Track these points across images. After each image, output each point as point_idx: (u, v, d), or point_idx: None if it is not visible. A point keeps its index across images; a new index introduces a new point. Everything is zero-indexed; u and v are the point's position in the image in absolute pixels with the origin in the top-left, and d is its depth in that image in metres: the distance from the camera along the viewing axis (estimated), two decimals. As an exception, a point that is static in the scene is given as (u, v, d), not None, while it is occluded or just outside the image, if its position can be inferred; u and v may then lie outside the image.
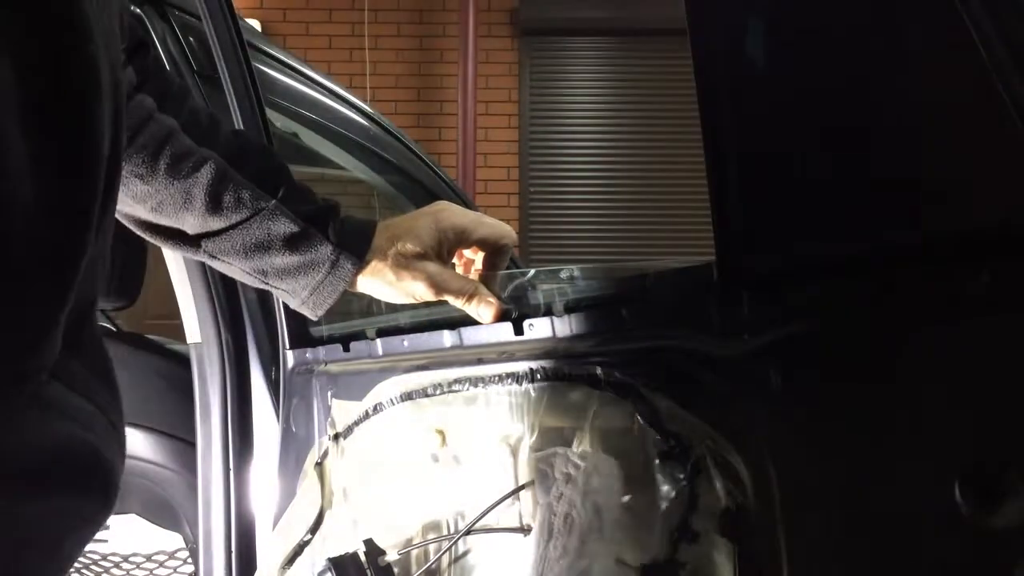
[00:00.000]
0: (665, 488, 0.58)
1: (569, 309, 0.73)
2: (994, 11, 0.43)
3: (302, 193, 0.80)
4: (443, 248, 0.80)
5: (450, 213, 0.81)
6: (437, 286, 0.79)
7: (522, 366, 0.72)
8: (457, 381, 0.82)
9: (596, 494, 0.62)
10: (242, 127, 1.20)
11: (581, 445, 0.66)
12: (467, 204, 1.99)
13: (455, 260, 0.84)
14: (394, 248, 0.80)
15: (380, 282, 0.81)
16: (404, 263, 0.80)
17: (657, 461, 0.58)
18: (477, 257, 0.84)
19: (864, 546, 0.48)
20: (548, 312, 0.75)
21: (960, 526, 0.43)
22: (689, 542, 0.56)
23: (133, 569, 1.63)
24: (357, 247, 0.80)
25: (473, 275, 0.83)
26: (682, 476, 0.57)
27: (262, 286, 0.82)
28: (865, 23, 0.50)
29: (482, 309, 0.79)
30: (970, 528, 0.42)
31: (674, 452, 0.58)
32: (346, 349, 1.04)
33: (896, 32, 0.49)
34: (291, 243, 0.78)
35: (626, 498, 0.61)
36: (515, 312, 0.80)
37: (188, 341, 1.32)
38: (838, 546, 0.50)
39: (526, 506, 0.73)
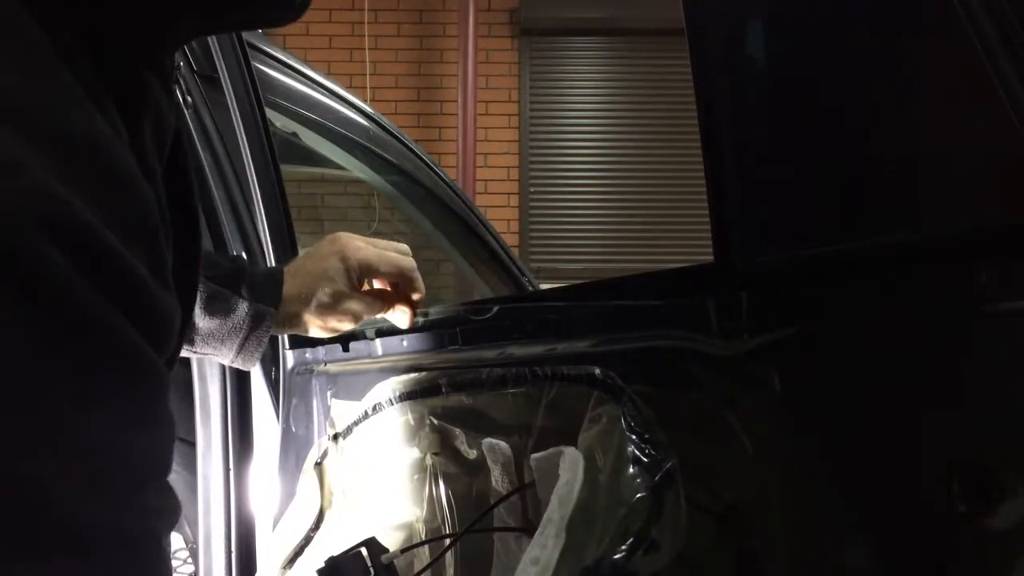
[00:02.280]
0: (630, 495, 0.58)
1: (569, 309, 0.73)
2: (994, 10, 0.43)
3: (209, 259, 0.87)
4: (353, 282, 0.89)
5: (353, 249, 0.89)
6: (362, 318, 0.90)
7: (522, 367, 0.72)
8: (457, 381, 0.82)
9: (560, 490, 0.62)
10: (242, 127, 1.20)
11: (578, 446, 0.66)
12: (467, 204, 1.99)
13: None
14: (314, 298, 0.88)
15: (305, 327, 0.90)
16: (329, 308, 0.88)
17: (629, 468, 0.59)
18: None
19: (864, 546, 0.48)
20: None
21: (959, 526, 0.43)
22: (647, 552, 0.56)
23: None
24: (271, 298, 0.88)
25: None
26: (650, 486, 0.57)
27: (190, 354, 0.88)
28: (865, 22, 0.50)
29: (397, 315, 0.90)
30: (969, 528, 0.42)
31: (647, 461, 0.58)
32: (345, 349, 1.04)
33: (896, 31, 0.49)
34: (208, 307, 0.84)
35: (586, 497, 0.61)
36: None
37: (188, 341, 1.32)
38: (837, 546, 0.50)
39: (527, 506, 0.73)
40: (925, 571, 0.46)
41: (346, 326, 0.90)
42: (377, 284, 0.93)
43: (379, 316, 0.90)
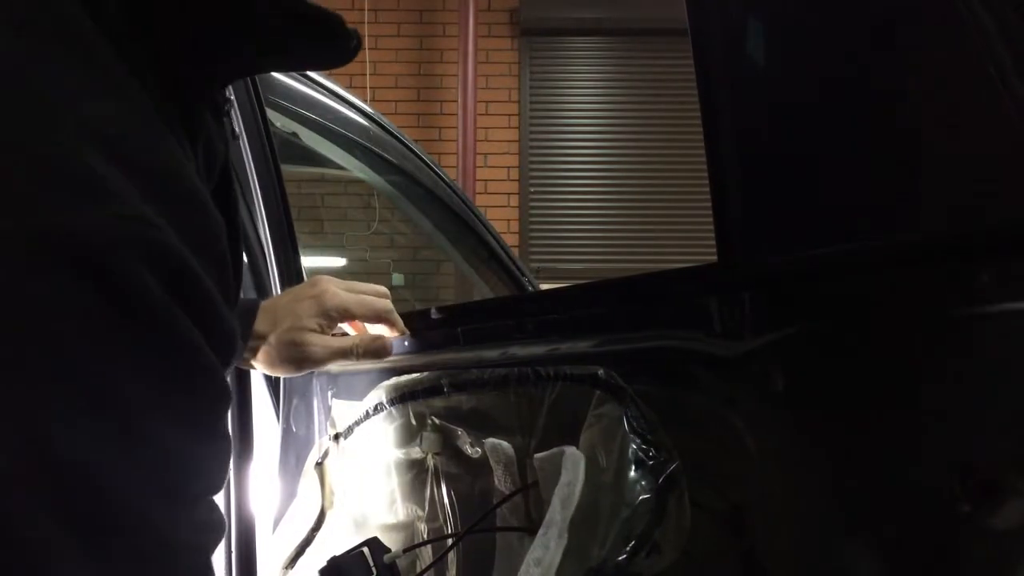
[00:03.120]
0: (633, 496, 0.58)
1: (571, 309, 0.73)
2: (995, 10, 0.43)
3: None
4: (325, 327, 0.89)
5: (331, 295, 0.89)
6: (322, 361, 0.89)
7: (524, 367, 0.72)
8: (459, 381, 0.82)
9: (561, 491, 0.62)
10: (242, 127, 1.20)
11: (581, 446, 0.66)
12: (467, 204, 1.99)
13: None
14: (276, 334, 0.89)
15: (267, 363, 0.90)
16: (286, 347, 0.88)
17: (632, 470, 0.59)
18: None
19: (866, 546, 0.48)
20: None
21: (960, 526, 0.43)
22: (650, 553, 0.56)
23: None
24: (241, 330, 0.87)
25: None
26: (653, 487, 0.57)
27: None
28: (868, 21, 0.50)
29: (376, 348, 0.89)
30: (970, 528, 0.42)
31: (651, 462, 0.58)
32: (347, 349, 1.04)
33: (897, 31, 0.49)
34: None
35: (589, 498, 0.61)
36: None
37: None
38: (840, 546, 0.50)
39: (530, 506, 0.73)
40: (927, 571, 0.46)
41: (307, 366, 0.90)
42: (350, 329, 0.94)
43: (348, 360, 0.90)
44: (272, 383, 1.23)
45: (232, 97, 0.56)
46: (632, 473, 0.59)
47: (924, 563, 0.46)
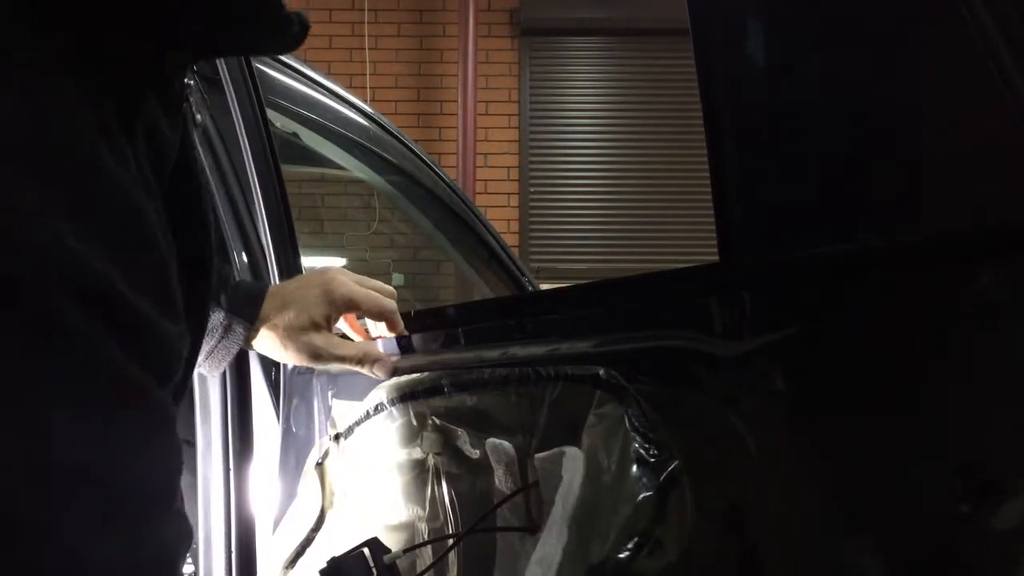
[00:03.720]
0: (635, 494, 0.58)
1: (572, 309, 0.73)
2: (995, 9, 0.43)
3: None
4: (331, 317, 0.89)
5: (340, 284, 0.89)
6: (321, 358, 0.89)
7: (525, 367, 0.72)
8: (459, 381, 0.82)
9: (563, 491, 0.62)
10: (243, 127, 1.20)
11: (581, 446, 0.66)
12: (467, 204, 1.99)
13: (343, 322, 0.93)
14: (283, 319, 0.88)
15: (270, 347, 0.90)
16: (292, 335, 0.88)
17: (633, 467, 0.59)
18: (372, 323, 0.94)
19: (866, 546, 0.48)
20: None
21: (960, 526, 0.43)
22: (651, 552, 0.56)
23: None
24: (248, 312, 0.89)
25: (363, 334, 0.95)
26: (654, 486, 0.57)
27: None
28: (868, 21, 0.50)
29: (376, 369, 0.88)
30: (970, 528, 0.42)
31: (652, 461, 0.58)
32: (347, 349, 1.04)
33: (897, 30, 0.49)
34: None
35: (590, 497, 0.61)
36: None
37: (188, 341, 1.32)
38: (840, 546, 0.50)
39: (530, 506, 0.73)
40: (927, 571, 0.46)
41: (305, 359, 0.90)
42: (349, 330, 0.93)
43: (354, 367, 0.89)
44: (272, 383, 1.23)
45: (191, 83, 0.54)
46: (634, 471, 0.59)
47: (924, 563, 0.46)
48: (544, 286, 2.22)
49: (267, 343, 0.90)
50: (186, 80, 0.51)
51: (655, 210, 5.16)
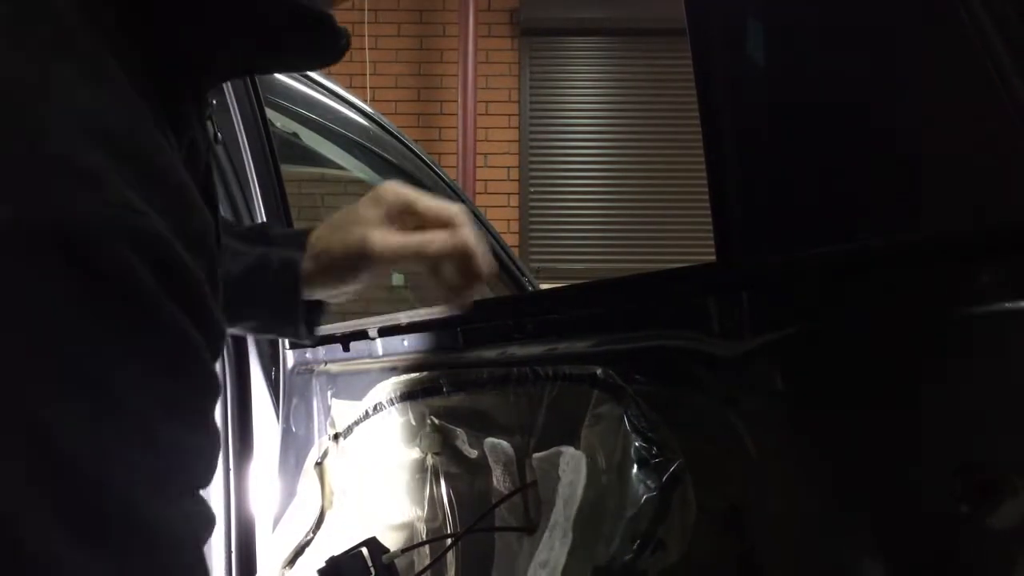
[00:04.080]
0: (635, 494, 0.58)
1: (570, 309, 0.73)
2: (993, 10, 0.43)
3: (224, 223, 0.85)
4: (386, 218, 0.76)
5: (390, 188, 0.78)
6: (382, 257, 0.75)
7: (524, 367, 0.72)
8: (458, 381, 0.82)
9: (564, 491, 0.62)
10: (242, 127, 1.20)
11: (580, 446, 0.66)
12: (467, 204, 1.99)
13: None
14: (333, 239, 0.79)
15: (326, 280, 0.80)
16: (346, 247, 0.77)
17: (635, 468, 0.59)
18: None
19: (866, 546, 0.48)
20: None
21: (960, 526, 0.43)
22: (653, 552, 0.56)
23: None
24: (294, 241, 0.82)
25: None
26: (655, 486, 0.57)
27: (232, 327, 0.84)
28: (867, 20, 0.50)
29: (461, 251, 0.74)
30: (970, 528, 0.42)
31: (652, 461, 0.58)
32: (346, 349, 1.04)
33: (898, 30, 0.49)
34: (234, 259, 0.81)
35: (591, 497, 0.61)
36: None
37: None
38: (840, 546, 0.50)
39: (529, 506, 0.73)
40: (927, 572, 0.46)
41: (361, 271, 0.77)
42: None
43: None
44: (272, 383, 1.23)
45: (214, 103, 0.57)
46: (635, 471, 0.59)
47: (924, 563, 0.46)
48: (544, 286, 2.21)
49: (319, 276, 0.80)
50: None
51: (655, 210, 5.16)
